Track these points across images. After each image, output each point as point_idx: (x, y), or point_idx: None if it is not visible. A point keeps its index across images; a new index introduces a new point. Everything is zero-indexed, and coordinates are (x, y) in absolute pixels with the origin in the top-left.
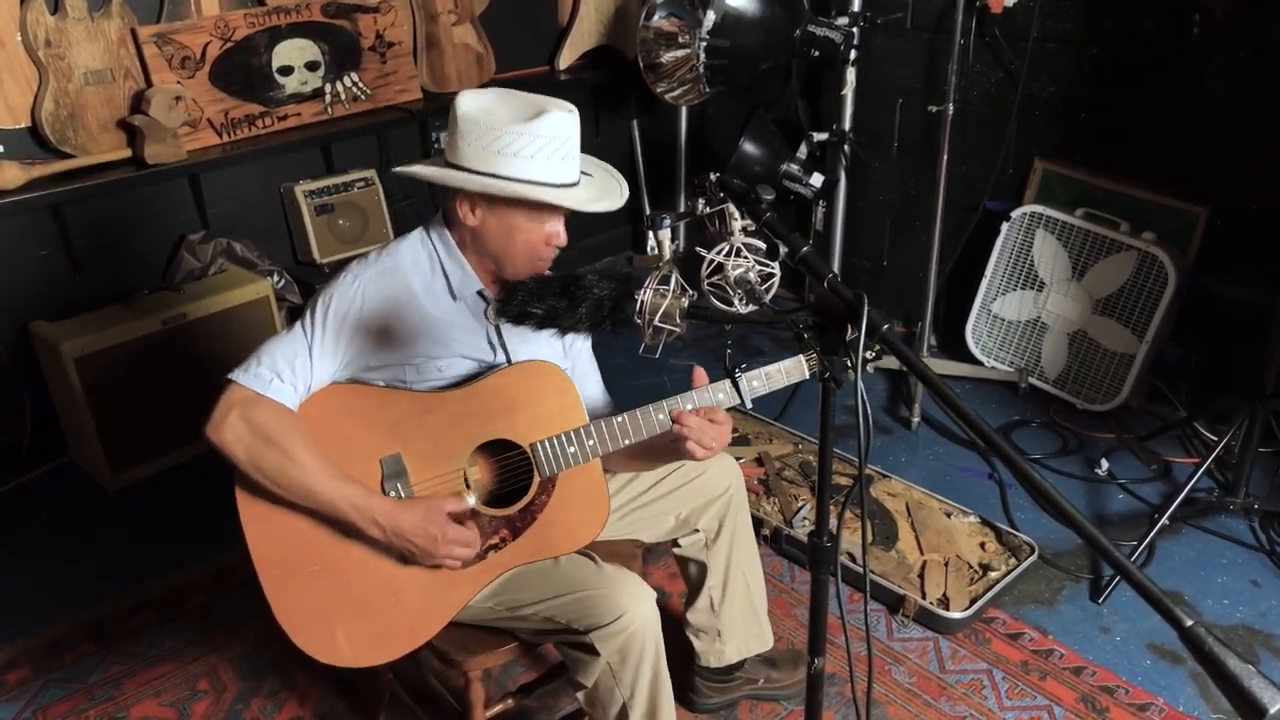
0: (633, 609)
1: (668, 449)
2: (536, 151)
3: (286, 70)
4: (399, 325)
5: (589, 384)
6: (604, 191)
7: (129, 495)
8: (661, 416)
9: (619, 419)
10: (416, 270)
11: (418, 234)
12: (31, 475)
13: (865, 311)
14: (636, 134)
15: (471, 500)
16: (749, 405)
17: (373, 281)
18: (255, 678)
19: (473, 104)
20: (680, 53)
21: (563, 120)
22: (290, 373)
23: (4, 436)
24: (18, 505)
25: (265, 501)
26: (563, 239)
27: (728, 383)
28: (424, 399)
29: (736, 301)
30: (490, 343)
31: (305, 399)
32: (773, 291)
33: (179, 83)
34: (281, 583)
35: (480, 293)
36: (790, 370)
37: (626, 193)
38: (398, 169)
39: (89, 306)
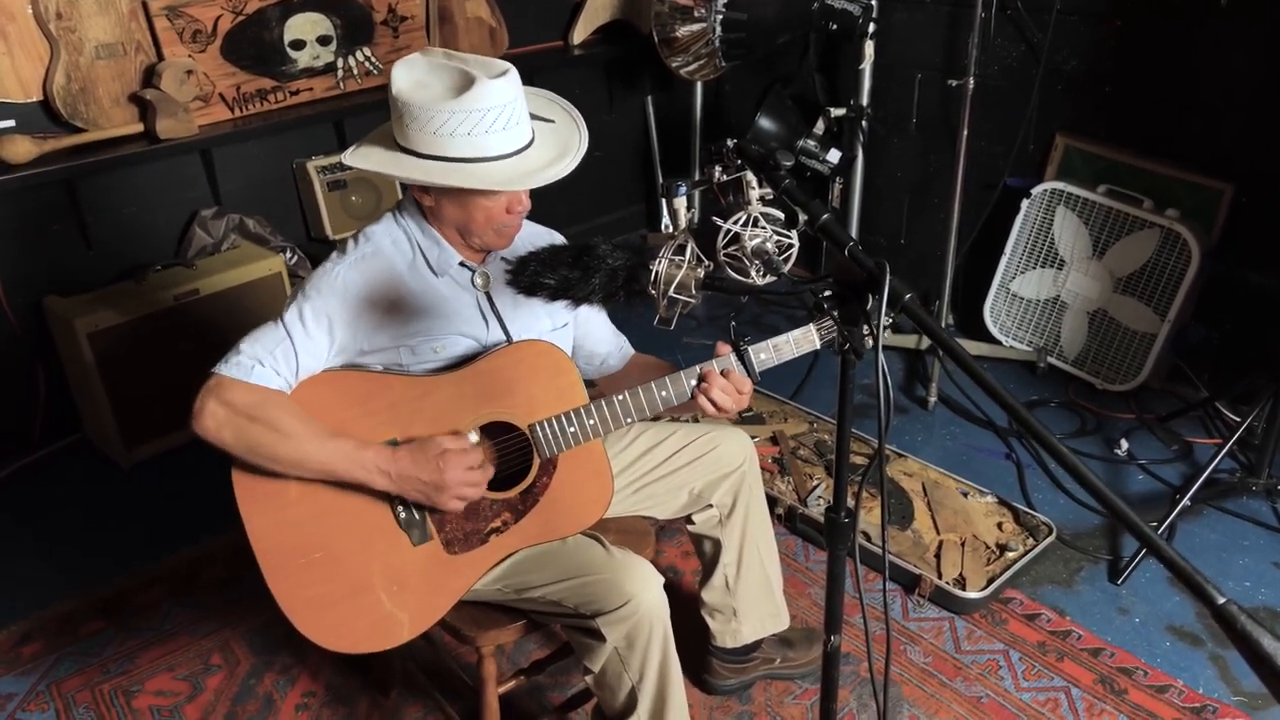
0: (639, 595)
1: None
2: (473, 128)
3: (298, 44)
4: (386, 309)
5: (599, 331)
6: (562, 147)
7: (143, 471)
8: (664, 393)
9: (620, 397)
10: (397, 251)
11: (390, 216)
12: (46, 451)
13: (887, 280)
14: (651, 111)
15: (474, 437)
16: (758, 378)
17: (353, 268)
18: (268, 653)
19: (405, 79)
20: (696, 27)
21: (496, 89)
22: (272, 359)
23: (18, 412)
24: (32, 482)
25: (264, 492)
26: (525, 204)
27: (732, 357)
28: (419, 383)
29: (753, 273)
30: (482, 312)
31: (296, 387)
32: (791, 262)
33: (190, 56)
34: (284, 572)
35: (462, 263)
36: (800, 340)
37: (585, 139)
38: (344, 156)
39: (102, 282)
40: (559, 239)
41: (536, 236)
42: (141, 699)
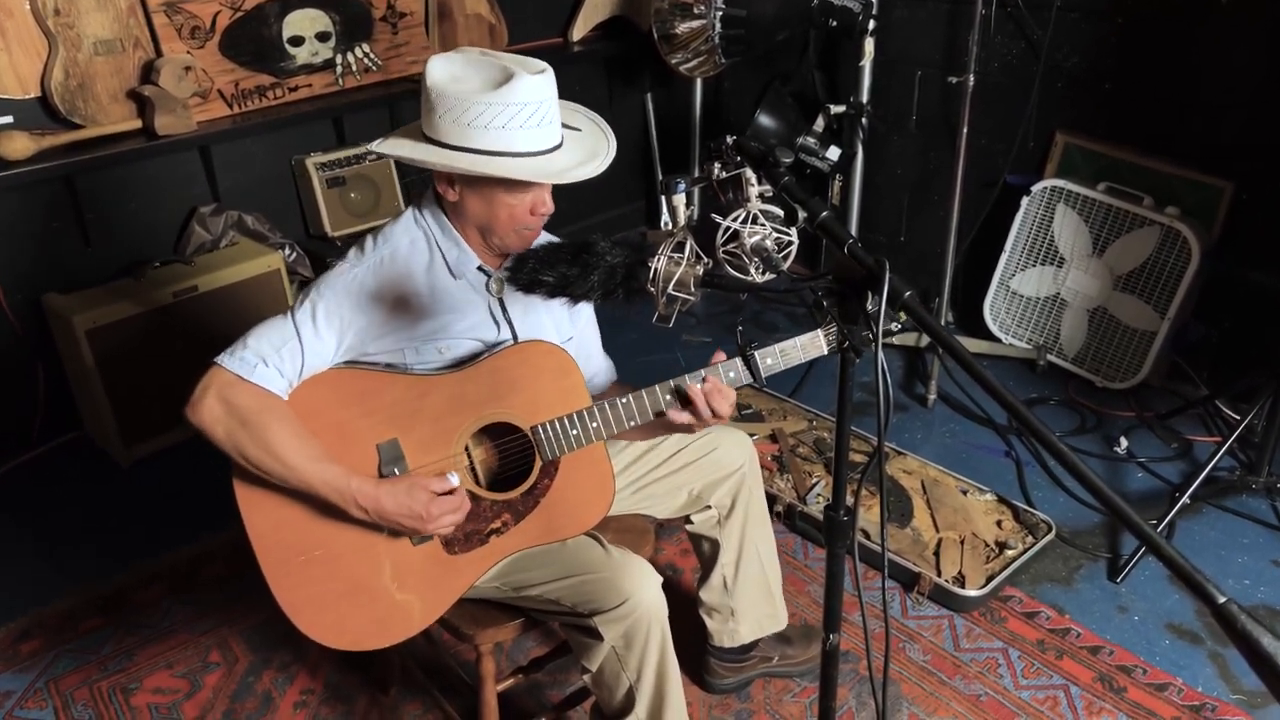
0: (637, 594)
1: (664, 421)
2: (508, 121)
3: (297, 40)
4: (399, 312)
5: (593, 351)
6: (589, 153)
7: (142, 469)
8: (668, 397)
9: (623, 400)
10: (414, 252)
11: (410, 215)
12: (45, 449)
13: (887, 277)
14: (650, 108)
15: (455, 479)
16: (763, 383)
17: (370, 272)
18: (267, 650)
19: (441, 72)
20: (696, 23)
21: (533, 85)
22: (277, 358)
23: (17, 410)
24: (31, 479)
25: (263, 489)
26: (548, 206)
27: (739, 361)
28: (421, 382)
29: (753, 270)
30: (494, 317)
31: (297, 386)
32: (790, 260)
33: (189, 53)
34: (283, 570)
35: (480, 268)
36: (806, 346)
37: (613, 148)
38: (372, 145)
39: (100, 279)
40: None
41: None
42: (140, 696)
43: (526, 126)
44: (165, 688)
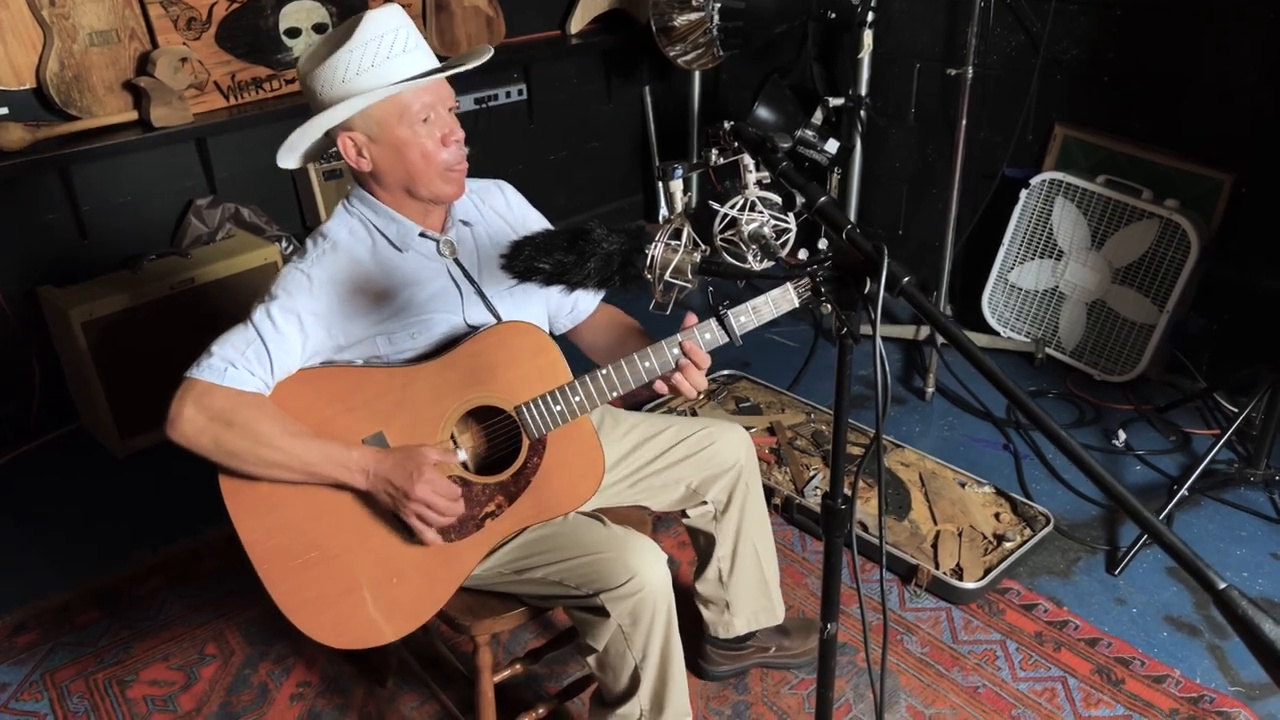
0: (644, 571)
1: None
2: (375, 57)
3: (294, 32)
4: (357, 298)
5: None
6: (465, 59)
7: (138, 461)
8: (648, 364)
9: (604, 371)
10: (355, 240)
11: (340, 208)
12: (41, 441)
13: (885, 263)
14: (649, 100)
15: (462, 454)
16: (739, 342)
17: (315, 265)
18: (263, 643)
19: (305, 60)
20: (694, 15)
21: (382, 16)
22: (244, 360)
23: (13, 403)
24: (27, 472)
25: (253, 496)
26: (459, 133)
27: (713, 321)
28: (400, 373)
29: (750, 257)
30: (454, 280)
31: (274, 388)
32: (788, 247)
33: (185, 44)
34: (280, 574)
35: (423, 234)
36: (778, 300)
37: (490, 51)
38: (280, 162)
39: (97, 271)
40: (508, 187)
41: (484, 191)
42: (136, 689)
43: (394, 55)
44: (161, 680)
